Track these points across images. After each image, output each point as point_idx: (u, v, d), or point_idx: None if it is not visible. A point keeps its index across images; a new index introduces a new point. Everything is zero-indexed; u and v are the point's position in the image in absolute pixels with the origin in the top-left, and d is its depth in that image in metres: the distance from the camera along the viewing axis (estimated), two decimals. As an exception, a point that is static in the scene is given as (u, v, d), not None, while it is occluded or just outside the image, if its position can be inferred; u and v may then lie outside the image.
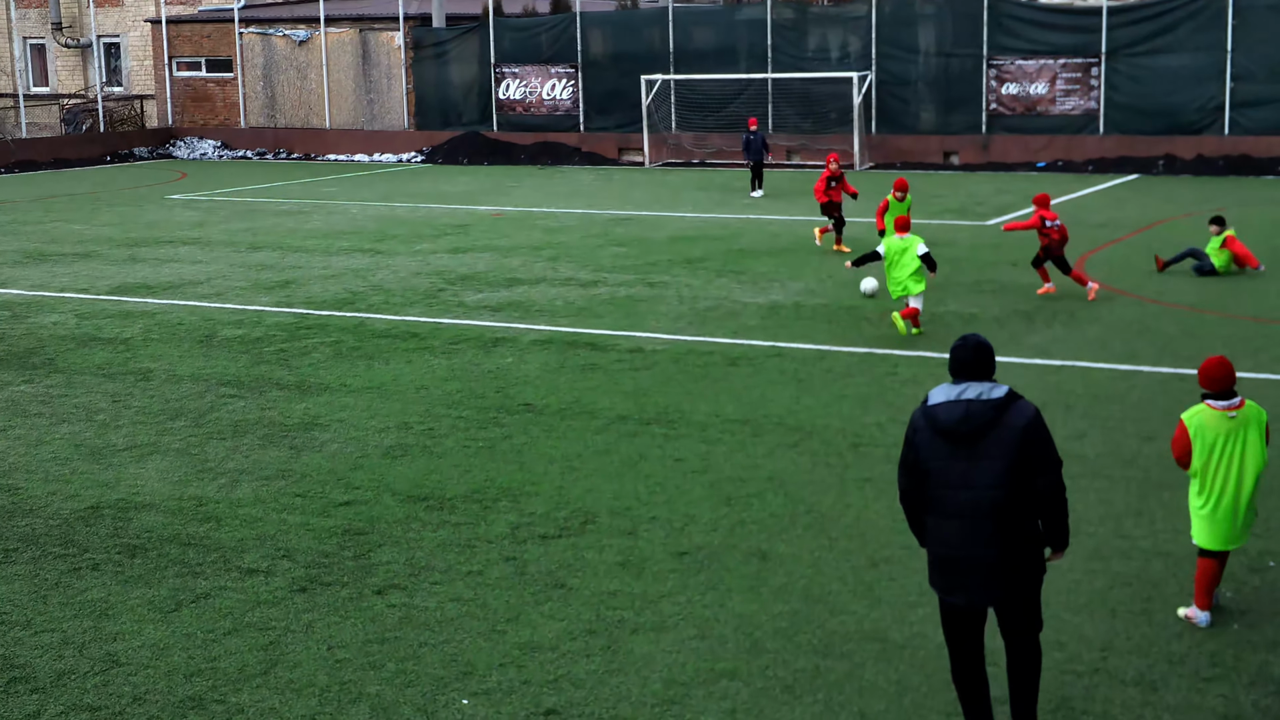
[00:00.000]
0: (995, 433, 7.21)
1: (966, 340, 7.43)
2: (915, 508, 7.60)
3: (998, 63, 40.72)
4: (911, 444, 7.45)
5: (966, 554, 7.31)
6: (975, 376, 7.36)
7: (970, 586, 7.35)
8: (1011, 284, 21.56)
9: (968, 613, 7.47)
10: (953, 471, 7.29)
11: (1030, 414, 7.25)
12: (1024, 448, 7.20)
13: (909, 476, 7.50)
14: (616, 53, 46.06)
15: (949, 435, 7.28)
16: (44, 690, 8.64)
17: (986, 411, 7.23)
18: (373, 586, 10.13)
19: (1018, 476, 7.20)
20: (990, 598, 7.38)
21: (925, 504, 7.48)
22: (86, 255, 27.30)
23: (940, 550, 7.42)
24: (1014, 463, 7.19)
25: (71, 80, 56.72)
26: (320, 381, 16.33)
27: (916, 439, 7.41)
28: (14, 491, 12.55)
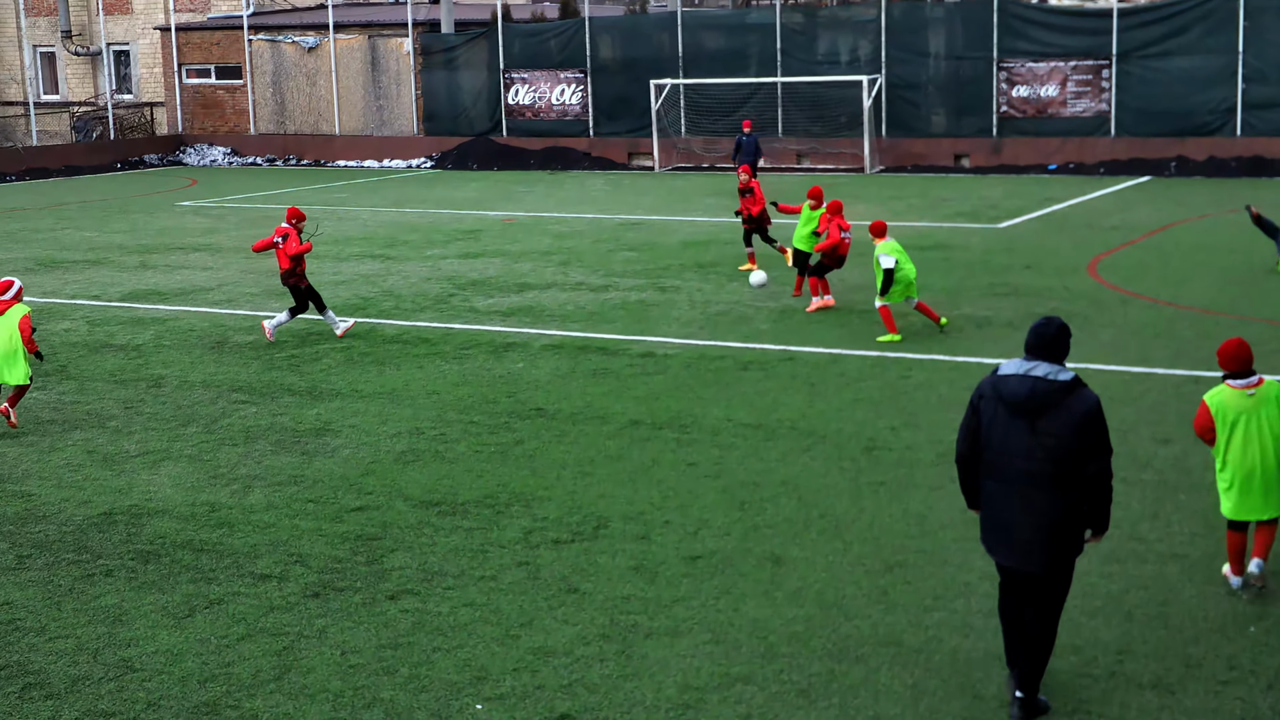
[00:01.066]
0: (1056, 413, 7.65)
1: (1050, 321, 7.86)
2: (970, 471, 8.10)
3: (1008, 65, 40.67)
4: (976, 409, 7.93)
5: (1017, 520, 7.82)
6: (1048, 357, 7.79)
7: (1017, 551, 7.86)
8: (1024, 287, 21.51)
9: (1011, 571, 8.00)
10: (1012, 441, 7.76)
11: (1092, 402, 7.69)
12: (1081, 432, 7.63)
13: (969, 440, 7.99)
14: (626, 58, 46.06)
15: (1013, 407, 7.74)
16: (59, 696, 8.64)
17: (1052, 392, 7.66)
18: (386, 592, 10.12)
19: (1071, 457, 7.65)
20: (1034, 564, 7.85)
21: (982, 468, 7.96)
22: (97, 262, 27.35)
23: (993, 514, 7.96)
24: (1070, 444, 7.64)
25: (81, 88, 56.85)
26: (331, 387, 16.33)
27: (981, 405, 7.90)
28: (27, 498, 12.56)
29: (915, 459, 12.94)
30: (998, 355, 16.87)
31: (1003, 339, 17.88)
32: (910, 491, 12.03)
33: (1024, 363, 7.82)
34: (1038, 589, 7.94)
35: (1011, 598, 8.11)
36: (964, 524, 11.15)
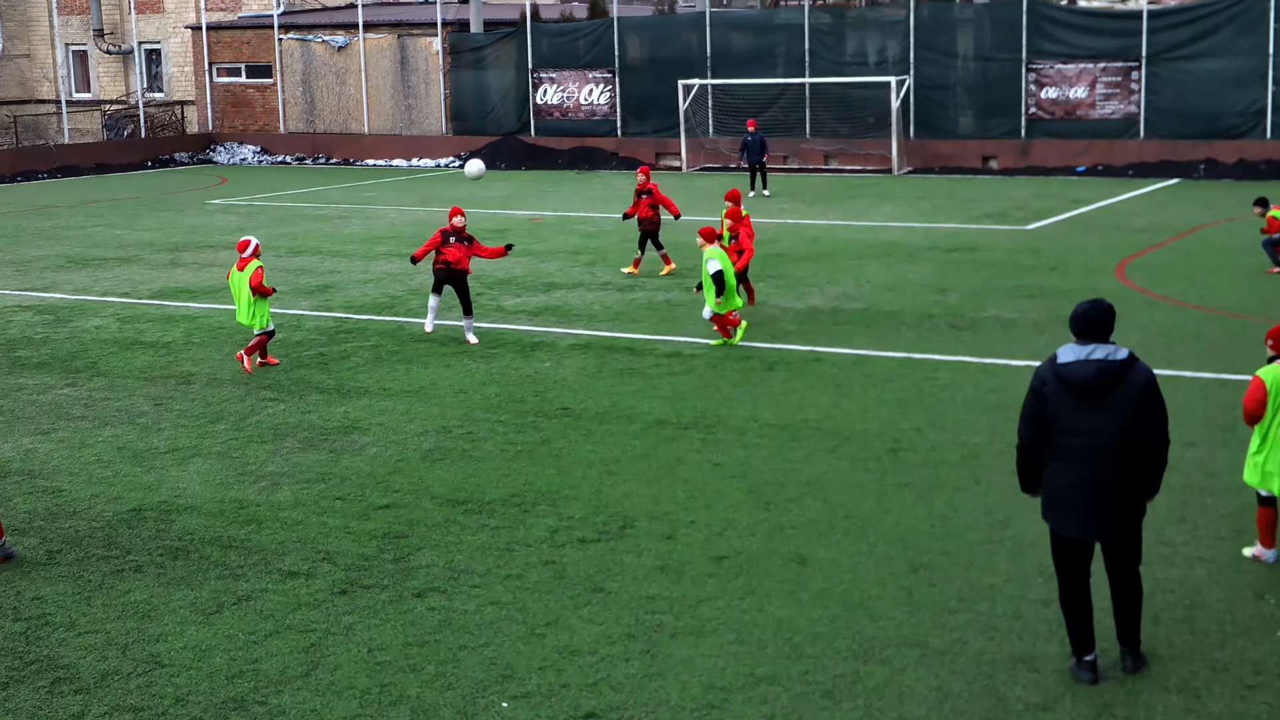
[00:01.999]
0: (1120, 389, 8.18)
1: (1097, 303, 8.33)
2: (1033, 457, 8.52)
3: (1037, 67, 40.55)
4: (1040, 395, 8.34)
5: (1086, 494, 8.29)
6: (1101, 338, 8.26)
7: (1088, 523, 8.36)
8: (1051, 288, 21.46)
9: (1081, 545, 8.45)
10: (1078, 421, 8.23)
11: (1149, 373, 8.26)
12: (1142, 402, 8.20)
13: (1035, 426, 8.41)
14: (654, 57, 46.09)
15: (1079, 390, 8.19)
16: (88, 691, 8.72)
17: (1115, 370, 8.16)
18: (412, 589, 10.17)
19: (1133, 427, 8.21)
20: (1104, 533, 8.40)
21: (1048, 452, 8.39)
22: (128, 260, 27.51)
23: (1062, 491, 8.38)
24: (1132, 415, 8.19)
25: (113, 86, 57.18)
26: (359, 385, 16.41)
27: (1045, 390, 8.31)
28: (58, 494, 12.66)
29: (941, 460, 12.94)
30: (1025, 357, 16.85)
31: (1029, 340, 17.85)
32: (935, 492, 12.03)
33: (1080, 347, 8.25)
34: (1115, 558, 8.51)
35: (1076, 576, 8.49)
36: (989, 526, 11.16)
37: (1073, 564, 8.49)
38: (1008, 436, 13.51)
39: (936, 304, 20.54)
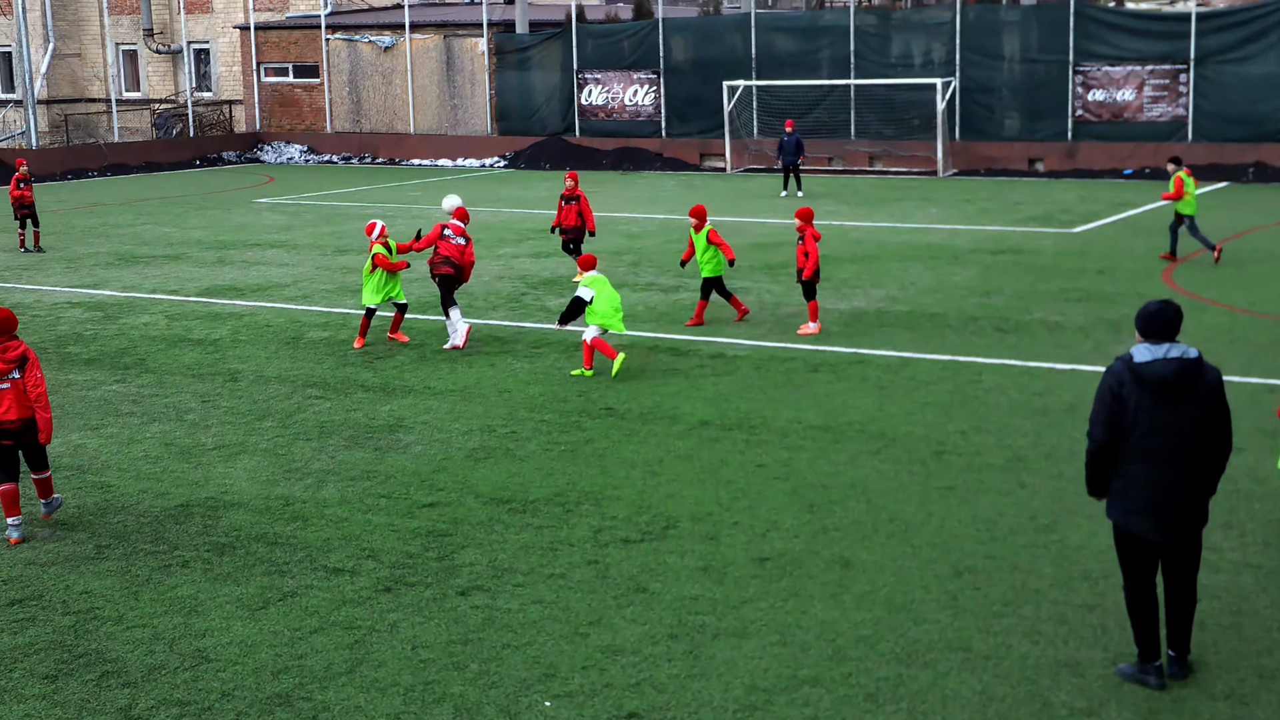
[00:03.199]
0: (1197, 387, 8.19)
1: (1166, 303, 8.30)
2: (1106, 460, 8.41)
3: (1084, 69, 40.33)
4: (1118, 398, 8.25)
5: (1169, 496, 8.26)
6: (1171, 337, 8.25)
7: (1168, 525, 8.30)
8: (1097, 292, 21.34)
9: (1155, 548, 8.40)
10: (1160, 421, 8.19)
11: (1218, 373, 8.31)
12: (1213, 400, 8.24)
13: (1111, 429, 8.30)
14: (698, 59, 46.10)
15: (1159, 390, 8.16)
16: (135, 685, 8.79)
17: (1192, 368, 8.17)
18: (456, 588, 10.21)
19: (1207, 425, 8.24)
20: (1184, 534, 8.37)
21: (1127, 453, 8.28)
22: (176, 257, 27.74)
23: (1143, 494, 8.29)
24: (1206, 412, 8.23)
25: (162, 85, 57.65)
26: (404, 384, 16.49)
27: (1124, 393, 8.23)
28: (106, 489, 12.79)
29: (985, 463, 12.89)
30: (1070, 360, 16.76)
31: (1074, 344, 17.75)
32: (980, 496, 11.99)
33: (1154, 347, 8.22)
34: (1179, 560, 8.44)
35: (1147, 579, 8.46)
36: (1034, 530, 11.11)
37: (1145, 567, 8.45)
38: (1053, 440, 13.47)
39: (981, 307, 20.46)
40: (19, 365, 11.27)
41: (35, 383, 11.31)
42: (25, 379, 11.28)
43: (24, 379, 11.28)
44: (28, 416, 11.32)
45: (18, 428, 11.30)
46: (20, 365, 11.29)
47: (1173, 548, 8.40)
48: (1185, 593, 8.52)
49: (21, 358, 11.30)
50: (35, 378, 11.31)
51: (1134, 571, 8.49)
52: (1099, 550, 10.33)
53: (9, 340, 11.33)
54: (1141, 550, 8.44)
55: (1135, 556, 8.47)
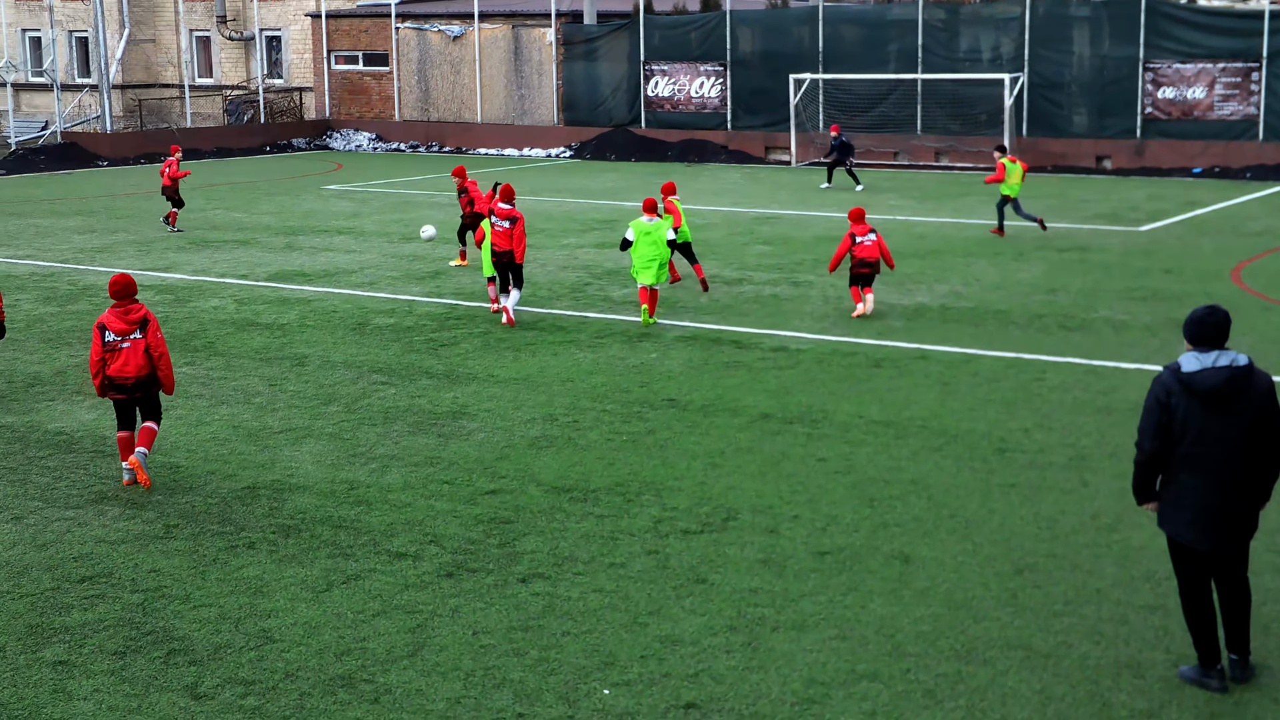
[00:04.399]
0: (1247, 396, 8.11)
1: (1214, 309, 8.21)
2: (1155, 469, 8.36)
3: (1154, 66, 39.92)
4: (1166, 407, 8.17)
5: (1219, 505, 8.19)
6: (1220, 344, 8.17)
7: (1221, 534, 8.23)
8: (1163, 291, 21.16)
9: (1207, 555, 8.32)
10: (1209, 431, 8.12)
11: (1269, 380, 8.22)
12: (1264, 408, 8.14)
13: (1161, 438, 8.22)
14: (765, 51, 46.01)
15: (1209, 399, 8.08)
16: (201, 663, 8.94)
17: (1241, 377, 8.09)
18: (517, 575, 10.30)
19: (1257, 433, 8.14)
20: (1235, 543, 8.31)
21: (1176, 463, 8.22)
22: (246, 243, 28.04)
23: (1194, 503, 8.22)
24: (1256, 421, 8.13)
25: (234, 72, 58.21)
26: (468, 371, 16.62)
27: (1172, 402, 8.15)
28: (176, 469, 12.98)
29: (1048, 461, 12.84)
30: (1134, 359, 16.65)
31: (1140, 343, 17.62)
32: (1042, 494, 11.95)
33: (1202, 355, 8.13)
34: (1228, 566, 8.39)
35: (1202, 585, 8.39)
36: (1096, 529, 11.06)
37: (1199, 574, 8.38)
38: (1116, 440, 13.39)
39: (1046, 304, 20.35)
40: (140, 326, 12.35)
41: (156, 342, 12.41)
42: (147, 338, 12.34)
43: (145, 338, 12.35)
44: (147, 373, 12.40)
45: (135, 382, 12.39)
46: (141, 326, 12.37)
47: (1223, 557, 8.35)
48: (1239, 597, 8.47)
49: (143, 320, 12.39)
50: (156, 338, 12.42)
51: (1188, 579, 8.43)
52: (1161, 551, 10.27)
53: (131, 304, 12.42)
54: (1193, 559, 8.39)
55: (1188, 565, 8.41)
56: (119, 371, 12.34)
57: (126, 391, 12.43)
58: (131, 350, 12.31)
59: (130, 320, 12.34)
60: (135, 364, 12.33)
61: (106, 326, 12.34)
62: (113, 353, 12.33)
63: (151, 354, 12.35)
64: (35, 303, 21.44)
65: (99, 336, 12.35)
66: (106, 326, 12.34)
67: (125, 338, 12.32)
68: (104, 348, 12.33)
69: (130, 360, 12.32)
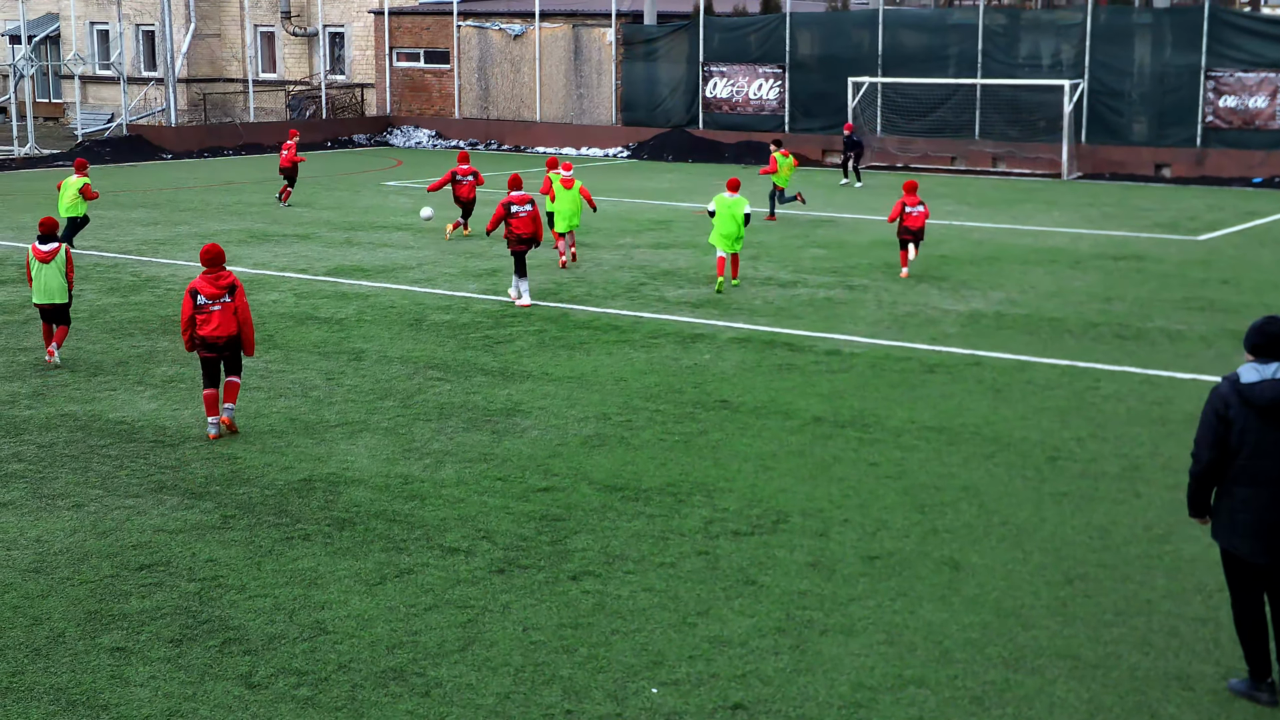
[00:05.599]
0: None
1: (1273, 320, 8.17)
2: (1211, 482, 8.32)
3: (1216, 74, 39.56)
4: (1224, 419, 8.13)
5: (1273, 519, 8.09)
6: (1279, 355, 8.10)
7: (1273, 549, 8.13)
8: (1221, 302, 21.01)
9: (1262, 569, 8.26)
10: (1266, 443, 8.06)
11: None
12: None
13: (1216, 450, 8.18)
14: (824, 54, 45.92)
15: (1267, 411, 8.04)
16: (255, 653, 9.07)
17: None
18: (568, 572, 10.39)
19: None
20: None
21: (1232, 475, 8.17)
22: (306, 237, 28.30)
23: (1250, 517, 8.14)
24: None
25: (298, 68, 58.67)
26: (523, 369, 16.73)
27: (1230, 414, 8.11)
28: (234, 460, 13.16)
29: (1100, 471, 12.80)
30: (1190, 370, 16.55)
31: (1196, 353, 17.52)
32: (1094, 504, 11.92)
33: (1262, 366, 8.09)
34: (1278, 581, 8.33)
35: (1255, 599, 8.34)
36: (1148, 540, 11.03)
37: (1252, 587, 8.34)
38: (1170, 450, 13.33)
39: (1102, 313, 20.25)
40: (229, 291, 13.67)
41: (243, 306, 13.75)
42: (234, 302, 13.66)
43: (233, 302, 13.66)
44: (233, 333, 13.71)
45: (224, 342, 13.72)
46: (230, 291, 13.69)
47: (1277, 571, 8.28)
48: None
49: (231, 285, 13.70)
50: (243, 302, 13.75)
51: (1241, 592, 8.39)
52: (1213, 563, 10.22)
53: (220, 270, 13.71)
54: (1247, 572, 8.34)
55: (1241, 578, 8.36)
56: (209, 332, 13.61)
57: (215, 350, 13.70)
58: (221, 313, 13.60)
59: (220, 285, 13.62)
60: (223, 325, 13.61)
61: (199, 291, 13.60)
62: (204, 315, 13.60)
63: (238, 316, 13.66)
64: (99, 293, 21.75)
65: (190, 300, 13.61)
66: (199, 291, 13.60)
67: (215, 301, 13.60)
68: (195, 310, 13.59)
69: (219, 322, 13.60)
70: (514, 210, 20.69)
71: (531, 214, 20.65)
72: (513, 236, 20.64)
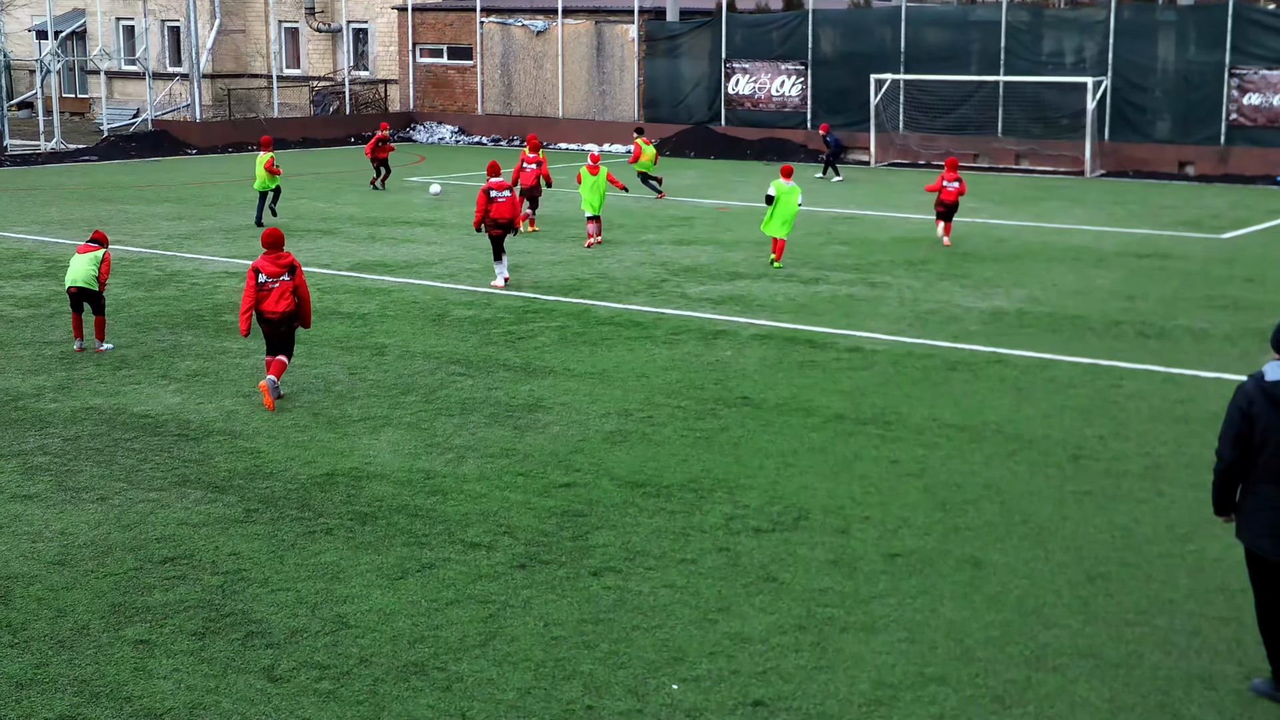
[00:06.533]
0: None
1: None
2: (1235, 479, 8.29)
3: (1240, 72, 39.37)
4: (1248, 417, 8.10)
5: None
6: None
7: None
8: (1245, 300, 20.92)
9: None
10: None
11: None
12: None
13: (1240, 448, 8.15)
14: (847, 51, 45.84)
15: None
16: (278, 646, 9.11)
17: None
18: (589, 568, 10.40)
19: None
20: None
21: (1256, 473, 8.14)
22: (329, 232, 28.38)
23: (1270, 515, 8.12)
24: None
25: (321, 63, 58.80)
26: (545, 365, 16.75)
27: (1254, 411, 8.08)
28: (257, 454, 13.21)
29: (1123, 470, 12.77)
30: (1213, 369, 16.50)
31: (1219, 352, 17.45)
32: (1116, 503, 11.89)
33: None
34: None
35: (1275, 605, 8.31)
36: (1171, 539, 11.00)
37: (1276, 587, 8.31)
38: (1193, 449, 13.29)
39: (1125, 311, 20.19)
40: (289, 270, 14.82)
41: (302, 284, 14.96)
42: (294, 280, 14.82)
43: (292, 280, 14.82)
44: (292, 309, 14.89)
45: (281, 317, 14.85)
46: (289, 270, 14.83)
47: None
48: None
49: (290, 265, 14.85)
50: (301, 280, 14.96)
51: (1265, 592, 8.36)
52: (1236, 563, 10.19)
53: (281, 252, 14.85)
54: (1271, 571, 8.31)
55: (1265, 577, 8.34)
56: (270, 308, 14.78)
57: (274, 325, 14.87)
58: (280, 290, 14.78)
59: (280, 265, 14.77)
60: (283, 302, 14.78)
61: (260, 270, 14.72)
62: (265, 292, 14.74)
63: (299, 293, 14.87)
64: (124, 287, 21.84)
65: (253, 277, 14.72)
66: (260, 270, 14.72)
67: (275, 279, 14.76)
68: (258, 288, 14.70)
69: (278, 298, 14.77)
70: (493, 196, 21.56)
71: (510, 200, 21.66)
72: (490, 221, 21.59)
